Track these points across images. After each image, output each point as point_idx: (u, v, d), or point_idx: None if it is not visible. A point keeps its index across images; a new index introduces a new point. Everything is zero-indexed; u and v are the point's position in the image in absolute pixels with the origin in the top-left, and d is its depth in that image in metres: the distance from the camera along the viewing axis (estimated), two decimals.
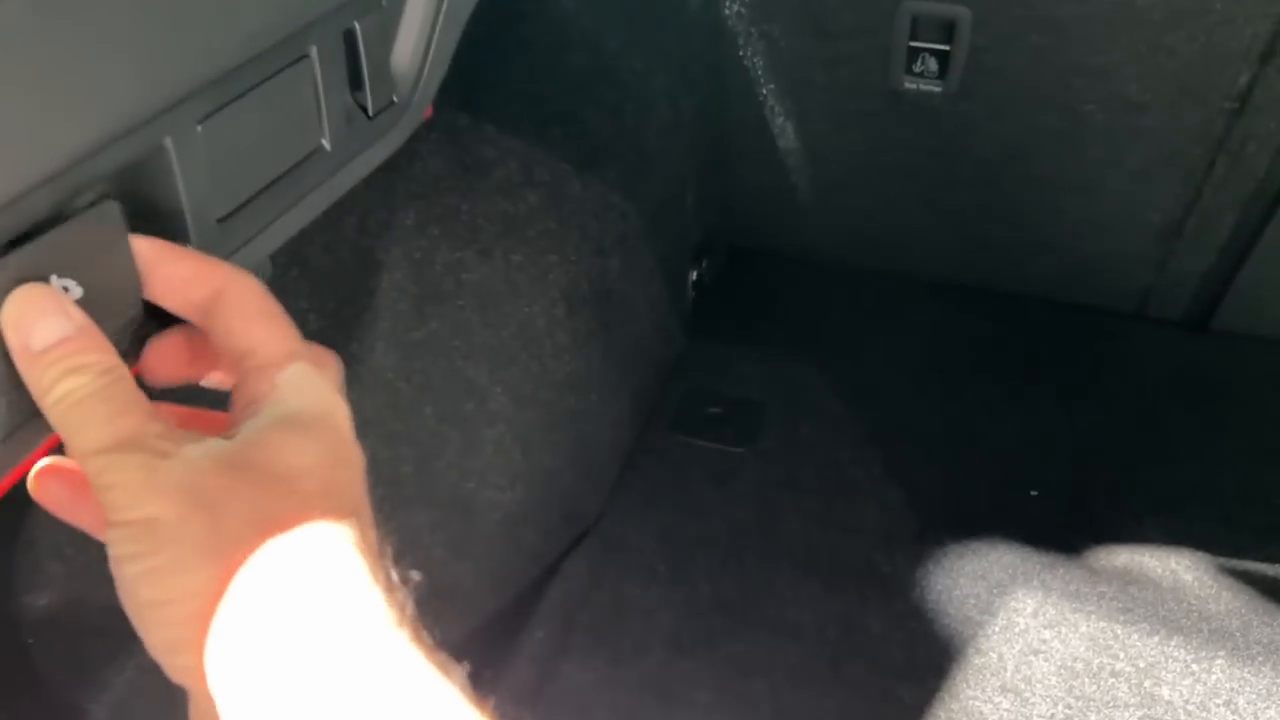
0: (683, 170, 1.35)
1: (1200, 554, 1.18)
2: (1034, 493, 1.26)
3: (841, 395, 1.40)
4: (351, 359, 0.97)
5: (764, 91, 1.39)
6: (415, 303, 1.02)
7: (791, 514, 1.24)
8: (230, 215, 0.55)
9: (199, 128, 0.49)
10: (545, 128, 1.10)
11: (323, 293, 0.92)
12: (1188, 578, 1.15)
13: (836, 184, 1.49)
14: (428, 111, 0.76)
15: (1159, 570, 1.16)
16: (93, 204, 0.44)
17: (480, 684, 0.37)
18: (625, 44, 1.22)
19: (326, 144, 0.61)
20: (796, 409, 1.38)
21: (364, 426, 0.42)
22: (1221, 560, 1.18)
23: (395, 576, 0.39)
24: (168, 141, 0.48)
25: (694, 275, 1.47)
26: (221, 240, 0.55)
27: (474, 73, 1.03)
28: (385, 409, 1.00)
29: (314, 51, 0.57)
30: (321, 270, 0.92)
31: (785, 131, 1.43)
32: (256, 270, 0.63)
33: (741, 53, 1.36)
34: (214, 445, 0.39)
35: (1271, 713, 1.03)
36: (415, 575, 0.39)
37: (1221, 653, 1.07)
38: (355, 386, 0.95)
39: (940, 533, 1.21)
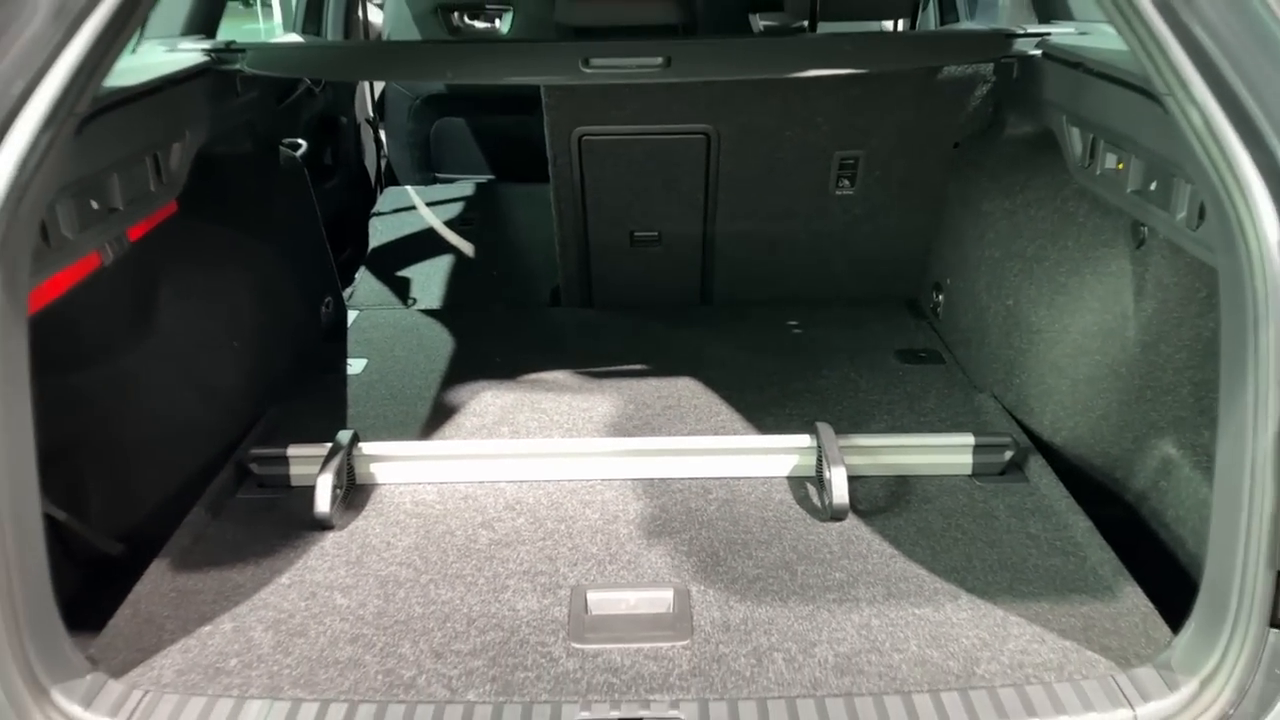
0: (295, 245, 2.72)
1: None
2: None
3: (407, 348, 2.76)
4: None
5: None
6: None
7: (388, 400, 2.52)
8: None
9: None
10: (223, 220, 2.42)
11: None
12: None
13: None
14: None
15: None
16: None
17: None
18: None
19: None
20: (386, 354, 2.71)
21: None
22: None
23: None
24: None
25: (323, 307, 2.82)
26: None
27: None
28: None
29: None
30: None
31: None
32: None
33: None
34: None
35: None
36: None
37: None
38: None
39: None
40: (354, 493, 2.06)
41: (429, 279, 3.32)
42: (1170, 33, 1.37)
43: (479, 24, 4.20)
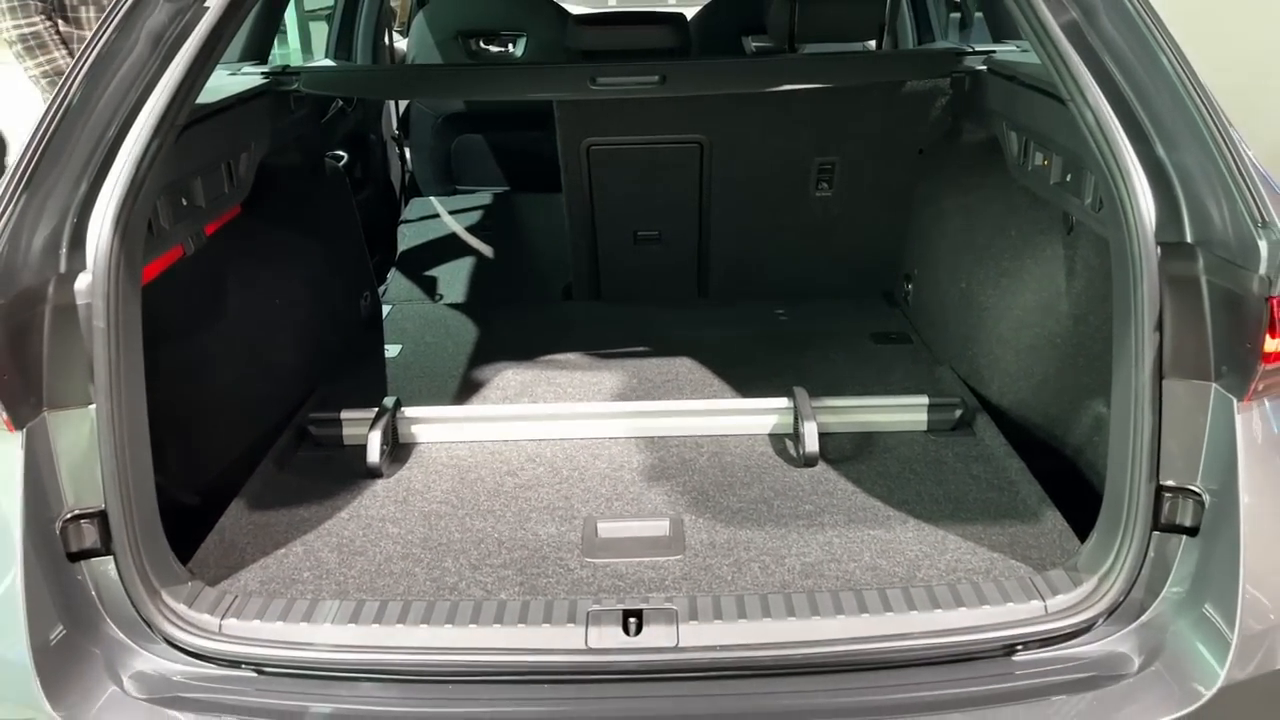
0: (338, 245, 3.08)
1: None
2: None
3: (437, 335, 3.11)
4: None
5: None
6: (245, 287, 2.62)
7: (421, 378, 2.87)
8: None
9: None
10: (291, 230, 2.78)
11: None
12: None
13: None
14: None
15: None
16: None
17: None
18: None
19: None
20: (418, 340, 3.06)
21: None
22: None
23: None
24: None
25: (362, 301, 3.17)
26: None
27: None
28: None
29: None
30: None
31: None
32: None
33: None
34: None
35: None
36: None
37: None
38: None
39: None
40: (397, 449, 2.40)
41: (454, 278, 3.68)
42: (1073, 49, 1.72)
43: (494, 48, 4.58)
